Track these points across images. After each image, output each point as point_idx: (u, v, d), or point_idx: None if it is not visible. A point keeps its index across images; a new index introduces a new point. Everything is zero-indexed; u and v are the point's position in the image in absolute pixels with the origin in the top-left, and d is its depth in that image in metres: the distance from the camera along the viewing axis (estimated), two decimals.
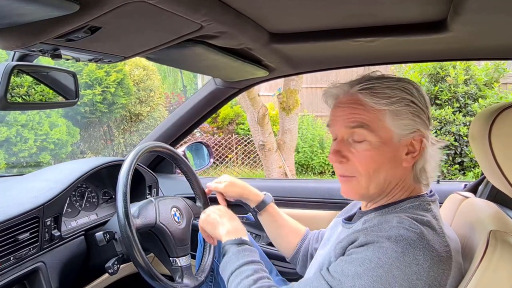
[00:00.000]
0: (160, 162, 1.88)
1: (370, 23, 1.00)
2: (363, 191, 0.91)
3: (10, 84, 0.99)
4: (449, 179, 4.96)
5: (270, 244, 1.56)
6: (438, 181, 1.56)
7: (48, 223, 1.19)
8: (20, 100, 1.07)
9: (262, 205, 1.32)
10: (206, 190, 1.40)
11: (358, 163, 0.88)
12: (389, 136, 0.87)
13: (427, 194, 0.92)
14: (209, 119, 7.13)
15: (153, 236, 1.22)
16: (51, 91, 1.16)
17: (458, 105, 5.17)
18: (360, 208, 1.01)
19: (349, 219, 1.02)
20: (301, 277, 1.10)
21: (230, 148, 7.03)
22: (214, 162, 6.71)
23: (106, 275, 1.38)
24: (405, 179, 0.90)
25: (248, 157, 7.02)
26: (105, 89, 6.27)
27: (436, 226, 0.82)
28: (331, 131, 0.94)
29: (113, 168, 1.43)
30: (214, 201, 1.73)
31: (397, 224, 0.80)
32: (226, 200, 1.36)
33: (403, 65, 5.65)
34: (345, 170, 0.92)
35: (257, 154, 6.23)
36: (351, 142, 0.89)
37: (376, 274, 0.75)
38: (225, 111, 7.65)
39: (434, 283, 0.76)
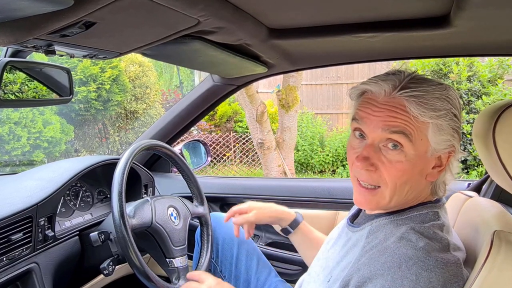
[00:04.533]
0: (156, 160, 1.87)
1: (371, 18, 0.98)
2: (384, 203, 0.84)
3: (3, 81, 0.98)
4: None
5: (269, 244, 1.55)
6: None
7: (42, 223, 1.17)
8: (13, 97, 1.06)
9: (295, 224, 1.26)
10: (234, 227, 1.27)
11: (387, 174, 0.80)
12: (425, 149, 0.80)
13: (436, 199, 0.89)
14: (206, 117, 7.12)
15: (149, 237, 1.21)
16: (44, 88, 1.15)
17: (461, 102, 5.16)
18: (365, 210, 0.97)
19: (353, 218, 0.98)
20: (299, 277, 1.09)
21: (228, 146, 7.01)
22: (211, 161, 6.70)
23: (101, 276, 1.36)
24: (423, 191, 0.86)
25: (247, 156, 7.00)
26: (100, 86, 6.23)
27: (443, 238, 0.79)
28: (362, 128, 0.84)
29: (108, 167, 1.41)
30: (211, 201, 1.72)
31: (403, 242, 0.77)
32: None
33: (405, 61, 5.64)
34: (370, 178, 0.83)
35: (256, 153, 6.23)
36: (383, 148, 0.81)
37: None
38: (223, 108, 7.63)
39: None
